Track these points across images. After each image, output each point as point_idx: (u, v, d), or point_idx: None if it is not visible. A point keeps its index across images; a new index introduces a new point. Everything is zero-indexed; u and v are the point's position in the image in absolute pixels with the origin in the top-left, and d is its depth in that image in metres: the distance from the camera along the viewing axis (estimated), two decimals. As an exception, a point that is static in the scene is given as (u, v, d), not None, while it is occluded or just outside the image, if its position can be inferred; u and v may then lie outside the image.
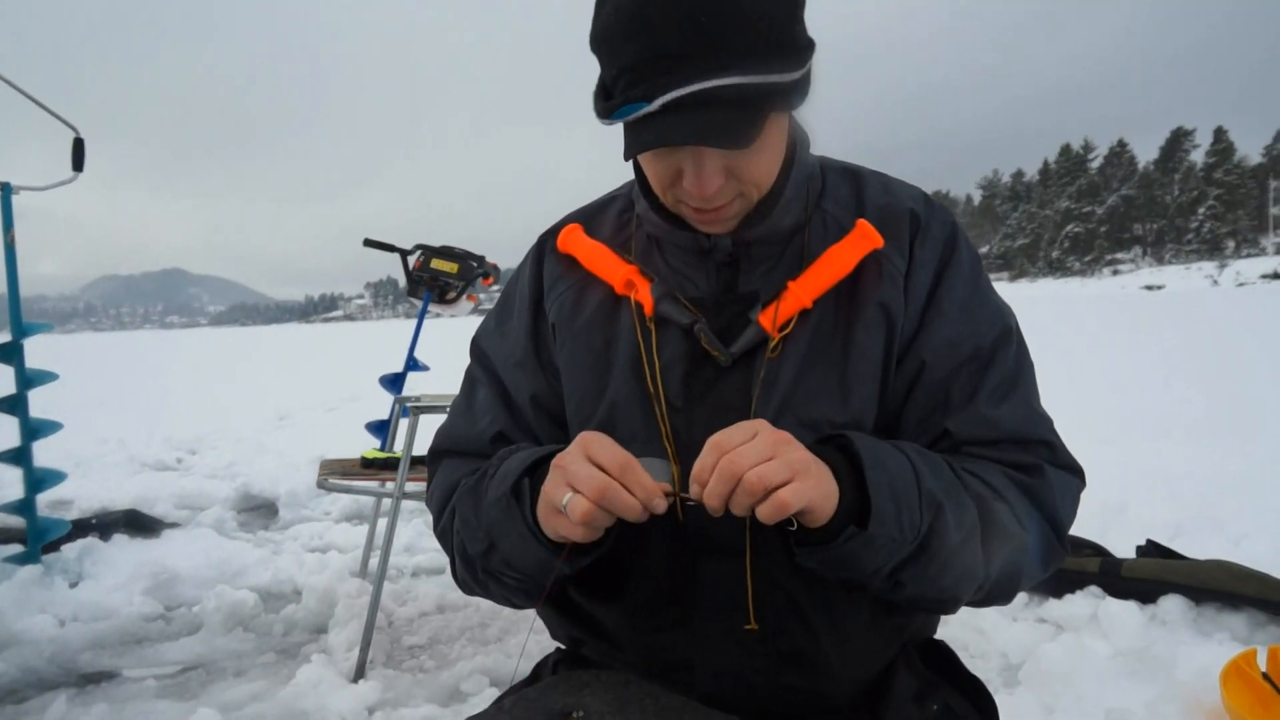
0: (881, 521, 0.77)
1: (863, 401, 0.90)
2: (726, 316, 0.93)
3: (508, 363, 1.03)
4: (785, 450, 0.74)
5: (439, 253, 3.86)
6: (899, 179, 1.03)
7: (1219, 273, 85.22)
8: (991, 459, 0.91)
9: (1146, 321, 19.71)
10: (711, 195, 0.85)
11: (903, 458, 0.82)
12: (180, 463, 6.08)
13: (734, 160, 0.85)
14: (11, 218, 3.26)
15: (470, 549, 0.91)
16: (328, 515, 4.48)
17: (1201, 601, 2.59)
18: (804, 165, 0.96)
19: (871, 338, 0.91)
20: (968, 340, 0.93)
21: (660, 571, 0.92)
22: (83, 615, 2.94)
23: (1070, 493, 0.93)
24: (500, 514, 0.85)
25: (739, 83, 0.77)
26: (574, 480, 0.75)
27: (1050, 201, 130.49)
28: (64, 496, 4.61)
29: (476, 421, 1.03)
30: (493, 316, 1.09)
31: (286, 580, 3.39)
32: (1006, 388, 0.93)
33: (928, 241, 0.95)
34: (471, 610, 3.03)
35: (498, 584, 0.92)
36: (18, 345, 3.21)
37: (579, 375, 0.97)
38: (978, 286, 0.96)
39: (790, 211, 0.94)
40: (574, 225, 1.04)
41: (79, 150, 3.35)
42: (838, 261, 0.92)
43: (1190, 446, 5.05)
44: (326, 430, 7.19)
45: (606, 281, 0.98)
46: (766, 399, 0.89)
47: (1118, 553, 2.92)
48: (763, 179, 0.89)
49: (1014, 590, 0.91)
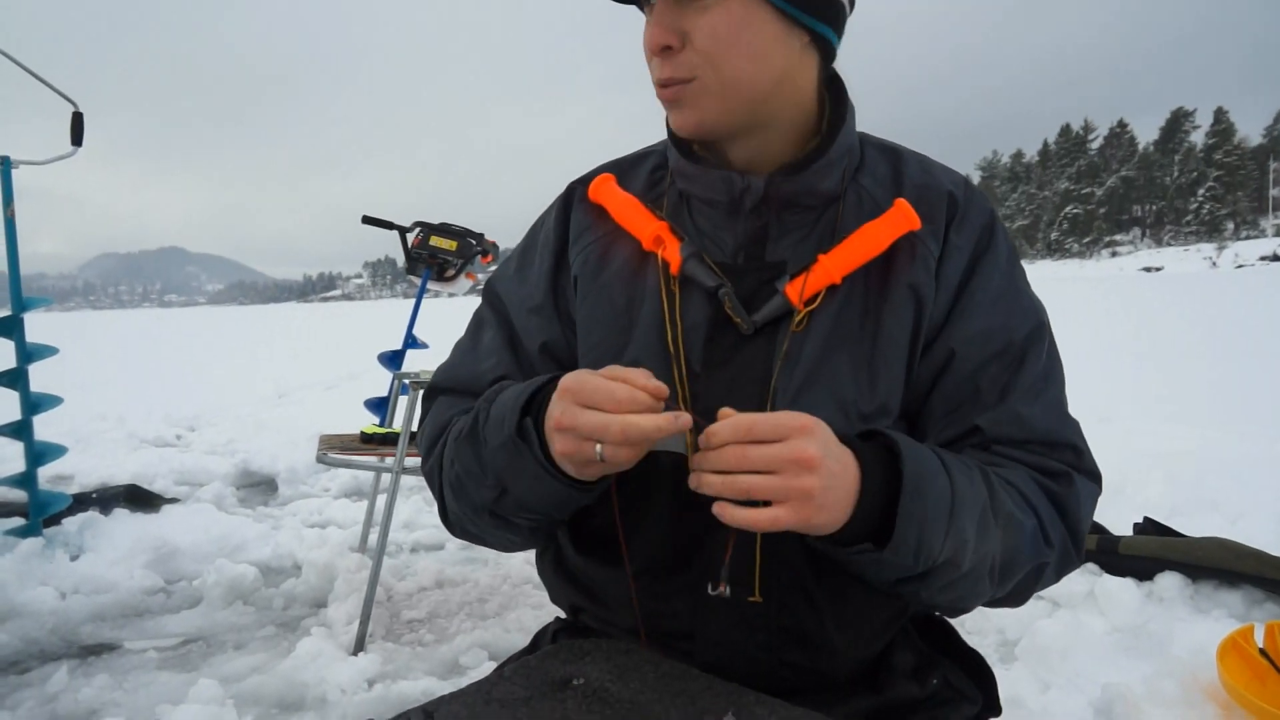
0: (898, 552, 0.76)
1: (888, 386, 0.89)
2: (752, 283, 0.91)
3: (522, 307, 1.01)
4: (797, 474, 0.71)
5: (438, 230, 3.85)
6: (940, 162, 1.00)
7: (1217, 254, 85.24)
8: (1020, 460, 0.89)
9: (1144, 302, 19.72)
10: (657, 50, 0.85)
11: (946, 485, 0.78)
12: (180, 439, 6.08)
13: (689, 19, 0.84)
14: (11, 192, 3.23)
15: (478, 497, 0.89)
16: (327, 491, 4.48)
17: (1198, 579, 2.60)
18: (849, 133, 0.94)
19: (899, 322, 0.89)
20: (999, 333, 0.90)
21: (665, 539, 0.90)
22: (84, 588, 2.95)
23: (1091, 501, 0.92)
24: (509, 458, 0.82)
25: None
26: (591, 432, 0.72)
27: (1049, 183, 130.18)
28: (64, 471, 4.61)
29: (480, 362, 1.01)
30: (512, 260, 1.07)
31: (286, 555, 3.39)
32: (1040, 386, 0.91)
33: (964, 228, 0.93)
34: (470, 585, 3.05)
35: (507, 527, 0.91)
36: (18, 319, 3.19)
37: (599, 330, 0.95)
38: (1013, 279, 0.94)
39: (829, 176, 0.92)
40: (607, 175, 1.02)
41: (78, 125, 3.33)
42: (871, 240, 0.89)
43: (1187, 426, 5.07)
44: (325, 408, 7.17)
45: (634, 236, 0.96)
46: (788, 372, 0.87)
47: (1115, 530, 2.94)
48: (718, 55, 0.85)
49: (1026, 597, 0.91)
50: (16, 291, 3.23)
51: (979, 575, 0.82)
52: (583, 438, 0.73)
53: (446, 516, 0.99)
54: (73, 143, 3.35)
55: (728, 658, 0.90)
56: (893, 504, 0.76)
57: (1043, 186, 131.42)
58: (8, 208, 3.25)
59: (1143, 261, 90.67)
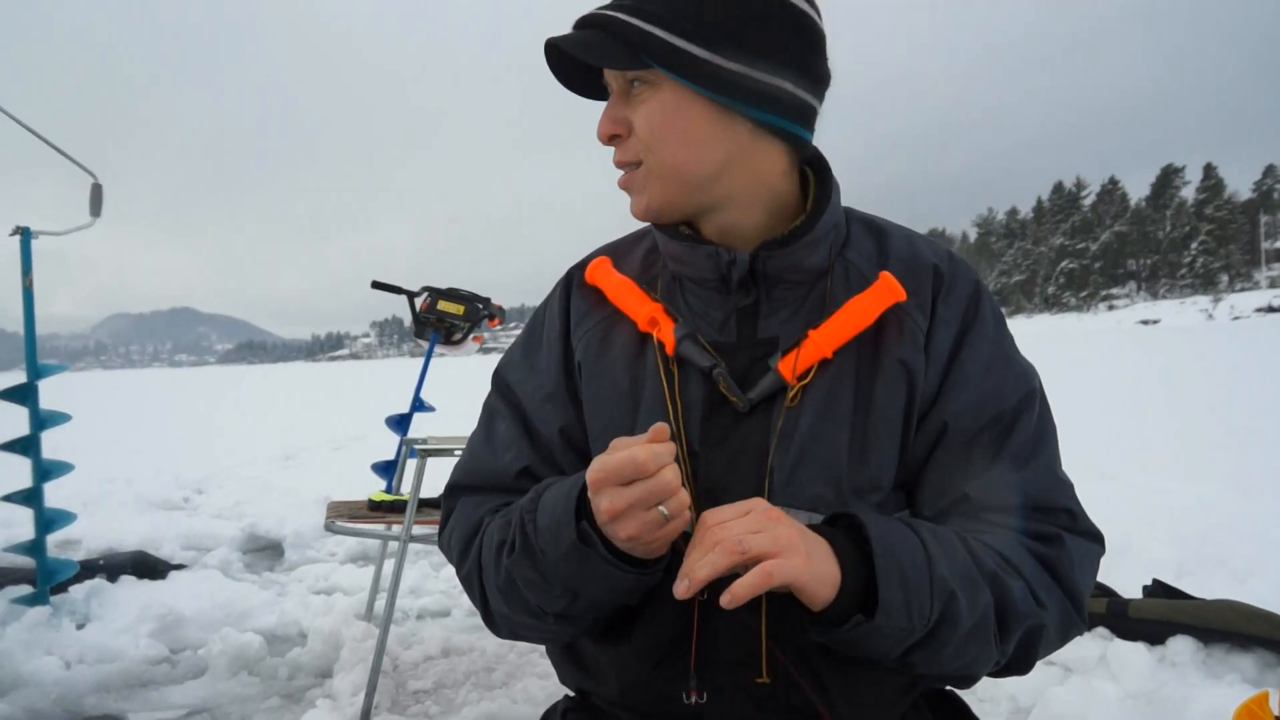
0: (889, 614, 0.77)
1: (881, 460, 0.91)
2: (745, 360, 0.94)
3: (536, 395, 1.03)
4: (773, 526, 0.76)
5: (445, 294, 3.91)
6: (923, 235, 1.04)
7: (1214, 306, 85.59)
8: (1010, 527, 0.90)
9: (1143, 356, 19.77)
10: (604, 138, 0.94)
11: (915, 541, 0.81)
12: (187, 502, 6.07)
13: (629, 110, 0.92)
14: (30, 262, 3.30)
15: (548, 605, 0.89)
16: (333, 556, 4.47)
17: (1210, 642, 2.59)
18: (835, 211, 0.97)
19: (891, 397, 0.91)
20: (990, 403, 0.93)
21: (672, 620, 0.90)
22: (89, 657, 2.93)
23: (1090, 561, 0.92)
24: (575, 565, 0.83)
25: (628, 20, 0.88)
26: (644, 501, 0.76)
27: (1045, 238, 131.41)
28: (72, 536, 4.59)
29: (499, 456, 1.02)
30: (518, 348, 1.09)
31: (292, 623, 3.38)
32: (1029, 452, 0.92)
33: (951, 300, 0.95)
34: (477, 655, 3.03)
35: (570, 623, 0.91)
36: (32, 387, 3.23)
37: (606, 412, 0.97)
38: (1001, 347, 0.96)
39: (816, 251, 0.95)
40: (603, 258, 1.05)
41: (97, 196, 3.41)
42: (859, 313, 0.92)
43: (1191, 482, 5.05)
44: (333, 469, 7.18)
45: (631, 318, 0.99)
46: (784, 448, 0.89)
47: (1123, 592, 2.92)
48: (655, 143, 0.91)
49: (1031, 663, 0.91)
50: (32, 359, 3.27)
51: (983, 635, 0.83)
52: (643, 509, 0.76)
53: (491, 619, 0.99)
54: (91, 213, 3.43)
55: None
56: (873, 574, 0.78)
57: (1038, 242, 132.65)
58: (26, 277, 3.31)
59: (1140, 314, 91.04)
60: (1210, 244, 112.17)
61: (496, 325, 4.08)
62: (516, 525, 0.90)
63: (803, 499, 0.89)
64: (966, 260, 1.01)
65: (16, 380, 3.29)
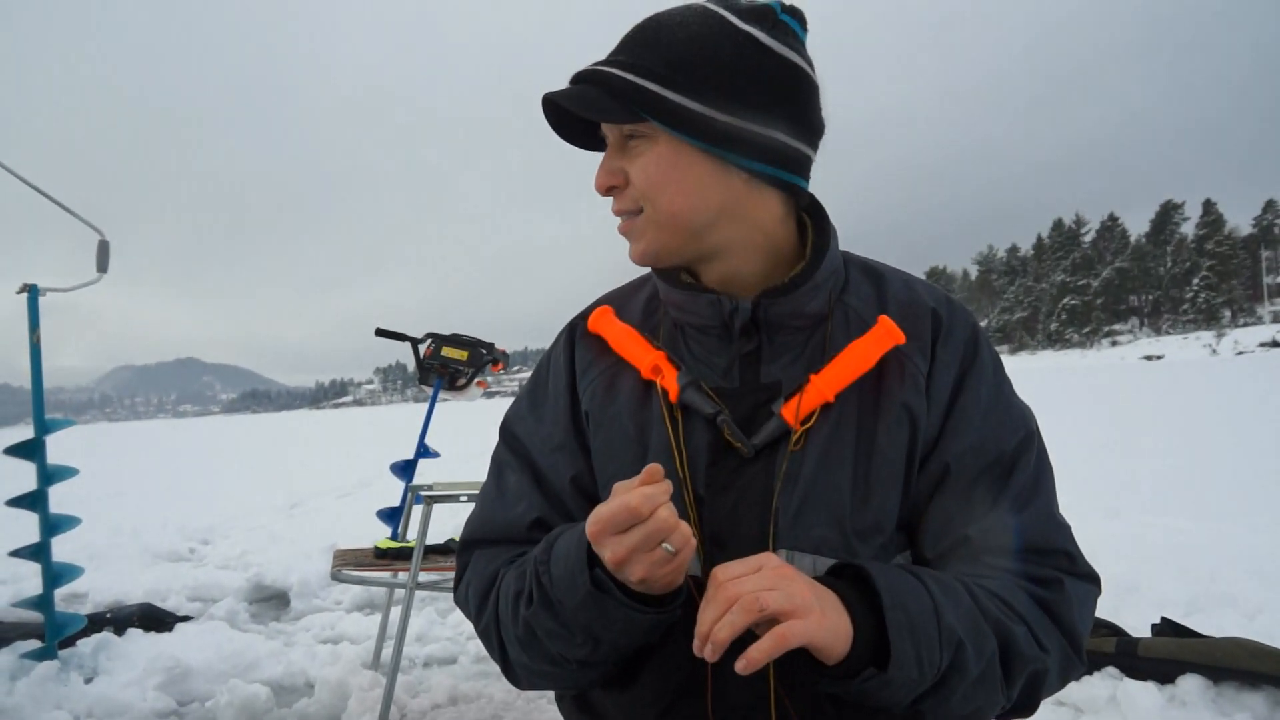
0: (901, 665, 0.78)
1: (884, 502, 0.91)
2: (749, 406, 0.95)
3: (545, 446, 1.03)
4: (786, 584, 0.76)
5: (449, 341, 3.96)
6: (920, 279, 1.05)
7: (1217, 342, 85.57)
8: (1010, 570, 0.90)
9: (1149, 392, 19.72)
10: (601, 189, 0.97)
11: (922, 591, 0.82)
12: (193, 553, 6.07)
13: (625, 161, 0.95)
14: (38, 318, 3.35)
15: (571, 654, 0.89)
16: (339, 605, 4.45)
17: (1220, 680, 2.57)
18: (833, 257, 0.99)
19: (893, 440, 0.92)
20: (991, 446, 0.94)
21: (681, 667, 0.90)
22: (97, 711, 2.93)
23: (1088, 603, 0.93)
24: (594, 613, 0.83)
25: (617, 74, 0.91)
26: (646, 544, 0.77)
27: (1045, 275, 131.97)
28: (79, 590, 4.58)
29: (510, 508, 1.01)
30: (525, 400, 1.09)
31: (299, 673, 3.36)
32: (1028, 495, 0.93)
33: (950, 343, 0.97)
34: (484, 701, 3.01)
35: (593, 668, 0.91)
36: (40, 442, 3.26)
37: (614, 461, 0.98)
38: (1000, 391, 0.97)
39: (816, 297, 0.97)
40: (605, 308, 1.06)
41: (104, 252, 3.46)
42: (860, 356, 0.93)
43: (1199, 520, 5.04)
44: (338, 517, 7.17)
45: (635, 366, 1.00)
46: (789, 492, 0.90)
47: (1132, 630, 2.92)
48: (653, 193, 0.93)
49: (1035, 706, 0.92)
50: (40, 415, 3.30)
51: (990, 681, 0.84)
52: (646, 551, 0.77)
53: (511, 671, 0.98)
54: (98, 269, 3.48)
55: None
56: (882, 626, 0.79)
57: (1039, 279, 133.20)
58: (34, 333, 3.36)
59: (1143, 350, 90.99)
60: (1212, 279, 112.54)
61: (500, 370, 4.12)
62: (531, 576, 0.90)
63: (807, 542, 0.90)
64: (964, 304, 1.04)
65: (24, 435, 3.32)
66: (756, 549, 0.89)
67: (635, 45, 0.93)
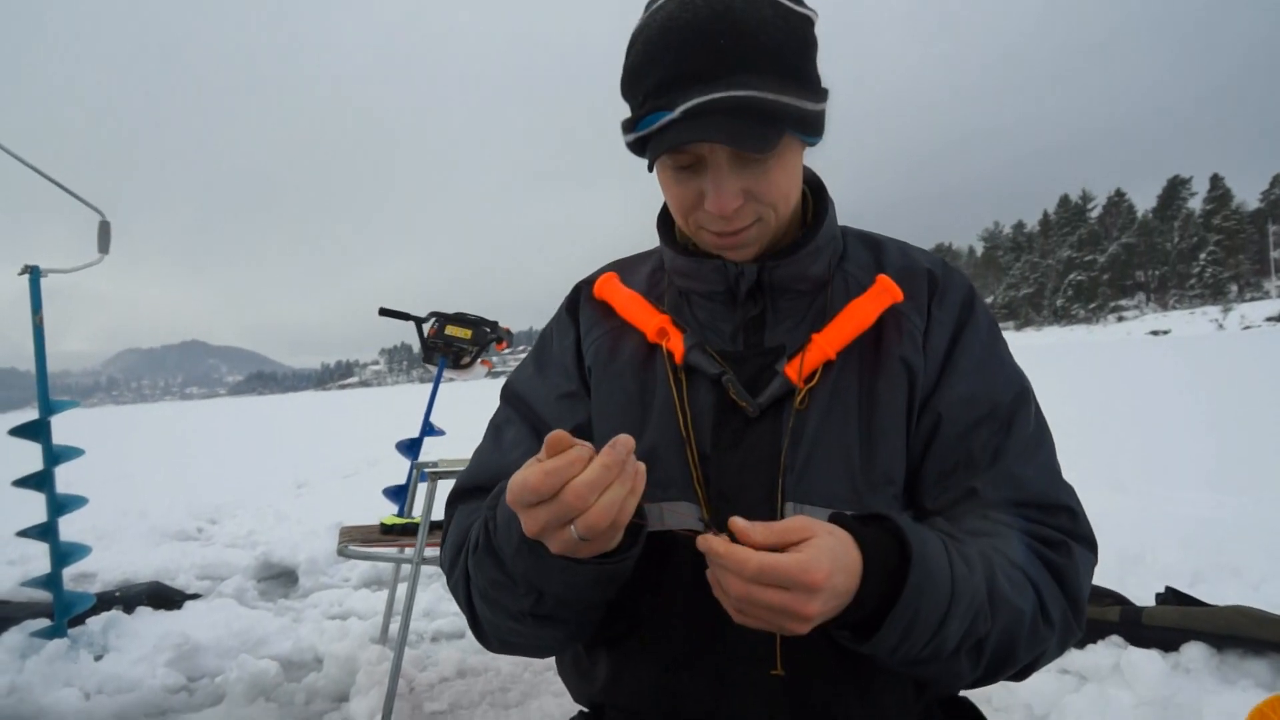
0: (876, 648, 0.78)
1: (889, 455, 0.92)
2: (753, 368, 0.96)
3: (550, 396, 1.03)
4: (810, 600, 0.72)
5: (453, 319, 3.96)
6: (916, 246, 1.07)
7: (1224, 316, 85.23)
8: (1017, 527, 0.90)
9: (1156, 367, 19.68)
10: (730, 214, 0.90)
11: (945, 591, 0.78)
12: (201, 532, 6.10)
13: (752, 179, 0.90)
14: (40, 300, 3.35)
15: (515, 605, 0.87)
16: (347, 582, 4.48)
17: (1224, 648, 2.58)
18: (832, 222, 1.01)
19: (894, 392, 0.93)
20: (984, 398, 0.95)
21: (683, 621, 0.92)
22: (107, 688, 2.96)
23: (1089, 570, 0.93)
24: (530, 561, 0.81)
25: (758, 95, 0.84)
26: (553, 523, 0.72)
27: (1052, 251, 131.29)
28: (87, 569, 4.62)
29: (505, 456, 1.00)
30: (530, 363, 1.10)
31: (308, 648, 3.39)
32: (1032, 448, 0.94)
33: (945, 303, 0.99)
34: (492, 675, 3.03)
35: (552, 624, 0.88)
36: (45, 423, 3.28)
37: (615, 417, 0.99)
38: (994, 349, 0.99)
39: (818, 260, 0.99)
40: (610, 274, 1.08)
41: (105, 233, 3.46)
42: (859, 315, 0.96)
43: (1203, 492, 5.04)
44: (345, 496, 7.20)
45: (640, 330, 1.01)
46: (795, 449, 0.91)
47: (1136, 600, 2.92)
48: (780, 201, 0.92)
49: (1028, 675, 0.93)
50: (44, 395, 3.31)
51: (955, 662, 0.84)
52: (557, 529, 0.73)
53: (480, 629, 0.96)
54: (100, 250, 3.48)
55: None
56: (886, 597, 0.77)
57: (1045, 255, 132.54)
58: (36, 315, 3.36)
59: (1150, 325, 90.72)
60: (1219, 254, 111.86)
61: (504, 349, 4.12)
62: (480, 524, 0.89)
63: (817, 495, 0.90)
64: (960, 269, 1.05)
65: (30, 418, 3.33)
66: (764, 505, 0.91)
67: (740, 52, 0.84)
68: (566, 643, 0.96)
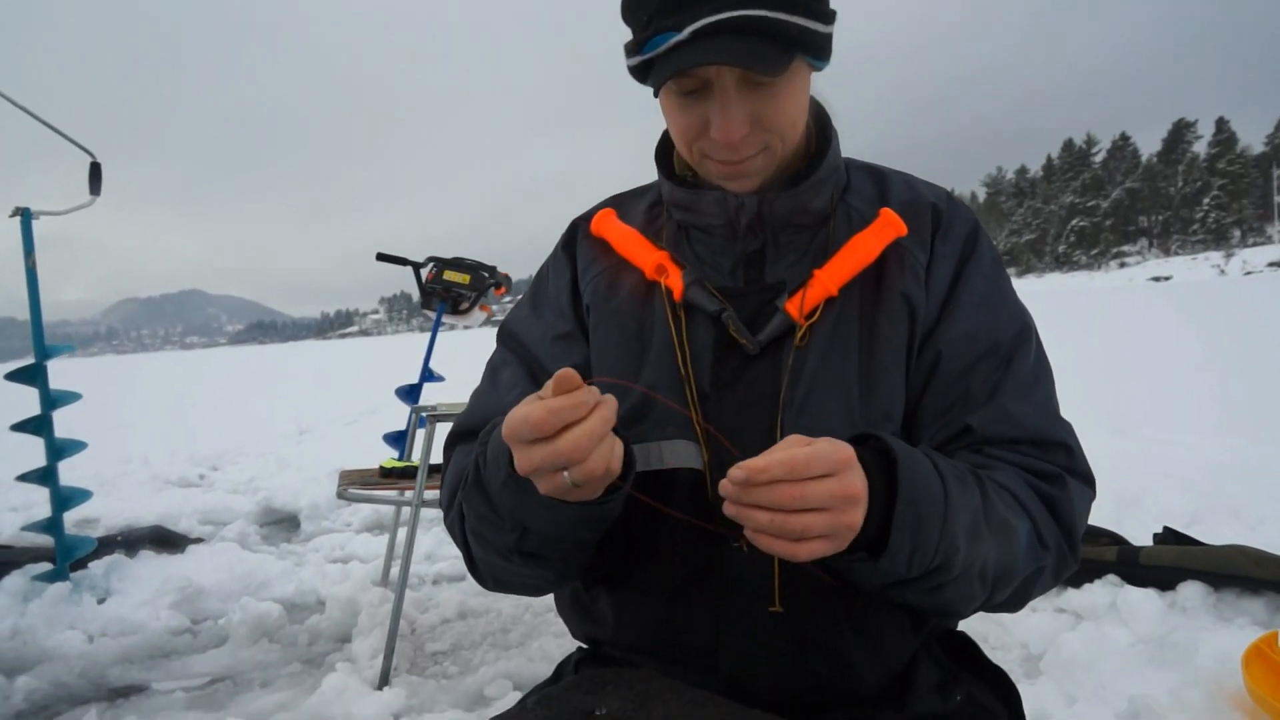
0: (893, 559, 0.75)
1: (889, 393, 0.90)
2: (753, 304, 0.94)
3: (546, 336, 1.01)
4: (846, 509, 0.70)
5: (451, 264, 3.91)
6: (922, 179, 1.03)
7: (1226, 262, 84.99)
8: (1012, 462, 0.89)
9: (1156, 312, 19.65)
10: (737, 142, 0.87)
11: (938, 490, 0.77)
12: (203, 479, 6.13)
13: (760, 105, 0.86)
14: (32, 242, 3.31)
15: (500, 541, 0.85)
16: (348, 526, 4.51)
17: (1220, 587, 2.60)
18: (835, 154, 0.97)
19: (895, 328, 0.91)
20: (985, 334, 0.92)
21: (682, 556, 0.91)
22: (111, 630, 2.98)
23: (1085, 504, 0.92)
24: (516, 497, 0.79)
25: (769, 15, 0.81)
26: (545, 465, 0.70)
27: (1055, 197, 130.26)
28: (90, 515, 4.66)
29: (502, 398, 0.98)
30: (525, 303, 1.08)
31: (310, 591, 3.42)
32: (1029, 385, 0.93)
33: (949, 237, 0.96)
34: (493, 616, 3.06)
35: (539, 563, 0.87)
36: (40, 367, 3.26)
37: (612, 356, 0.97)
38: (998, 284, 0.96)
39: (820, 193, 0.96)
40: (607, 210, 1.06)
41: (96, 174, 3.41)
42: (862, 249, 0.93)
43: (1202, 435, 5.05)
44: (346, 443, 7.22)
45: (638, 267, 0.99)
46: (795, 386, 0.89)
47: (1134, 540, 2.93)
48: (787, 129, 0.89)
49: (1023, 603, 0.92)
50: (39, 340, 3.29)
51: (969, 579, 0.82)
52: (551, 472, 0.71)
53: (475, 567, 0.96)
54: (91, 192, 3.42)
55: (751, 670, 0.90)
56: (887, 509, 0.75)
57: (1048, 201, 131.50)
58: (29, 258, 3.32)
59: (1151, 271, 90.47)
60: (1222, 199, 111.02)
61: (503, 294, 4.08)
62: (474, 458, 0.87)
63: (817, 433, 0.86)
64: (964, 202, 1.02)
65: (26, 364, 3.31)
66: (764, 443, 0.88)
67: None
68: (557, 581, 0.95)
